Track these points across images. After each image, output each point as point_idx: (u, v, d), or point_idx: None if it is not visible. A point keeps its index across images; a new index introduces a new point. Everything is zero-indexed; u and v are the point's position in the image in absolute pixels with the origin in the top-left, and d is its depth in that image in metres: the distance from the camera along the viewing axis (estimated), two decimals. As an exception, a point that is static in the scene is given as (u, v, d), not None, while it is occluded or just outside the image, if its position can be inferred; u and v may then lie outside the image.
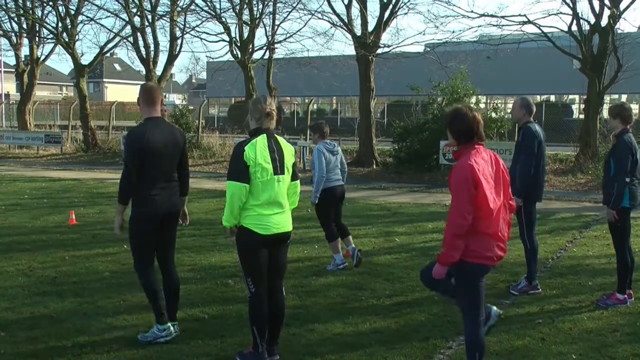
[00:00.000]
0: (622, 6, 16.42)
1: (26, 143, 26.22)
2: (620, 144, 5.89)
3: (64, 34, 24.46)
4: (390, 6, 19.55)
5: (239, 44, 22.29)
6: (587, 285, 6.75)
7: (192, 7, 22.97)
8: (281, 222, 4.54)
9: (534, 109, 6.51)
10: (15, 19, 27.13)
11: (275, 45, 22.96)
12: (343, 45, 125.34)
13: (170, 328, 5.09)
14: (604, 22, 16.49)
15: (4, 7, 26.14)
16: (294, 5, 21.74)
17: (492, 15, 18.67)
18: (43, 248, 8.43)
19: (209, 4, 22.07)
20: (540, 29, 17.36)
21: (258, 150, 4.42)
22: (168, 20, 23.11)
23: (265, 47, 23.07)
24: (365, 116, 20.04)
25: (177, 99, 78.33)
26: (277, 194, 4.50)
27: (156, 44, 23.53)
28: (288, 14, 22.73)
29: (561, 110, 34.18)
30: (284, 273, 4.79)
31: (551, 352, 4.91)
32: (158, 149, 4.91)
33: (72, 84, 54.54)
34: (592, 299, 6.21)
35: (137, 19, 23.06)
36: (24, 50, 29.03)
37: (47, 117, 34.56)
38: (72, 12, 24.37)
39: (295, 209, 4.77)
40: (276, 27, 22.61)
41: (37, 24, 26.16)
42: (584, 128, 17.30)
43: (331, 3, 19.98)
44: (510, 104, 7.21)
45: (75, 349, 4.92)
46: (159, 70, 24.10)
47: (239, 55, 22.33)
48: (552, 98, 39.69)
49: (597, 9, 16.53)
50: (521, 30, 17.78)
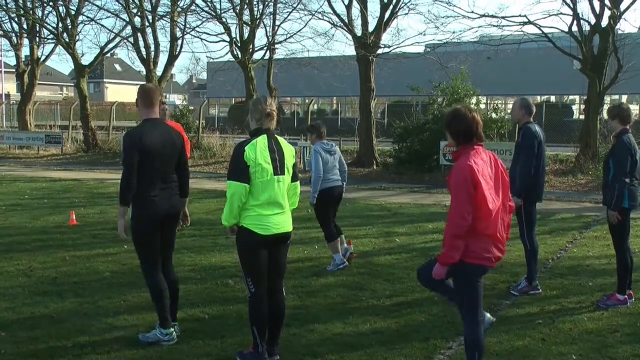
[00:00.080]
0: (622, 7, 16.44)
1: (26, 143, 26.21)
2: (619, 145, 5.89)
3: (65, 34, 24.46)
4: (391, 6, 19.54)
5: (239, 45, 22.30)
6: (587, 285, 6.75)
7: (193, 7, 23.02)
8: (281, 222, 4.54)
9: (534, 109, 6.52)
10: (16, 19, 27.14)
11: (276, 46, 23.00)
12: (343, 46, 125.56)
13: (174, 333, 5.06)
14: (605, 22, 16.50)
15: (4, 7, 26.17)
16: (295, 5, 21.80)
17: (492, 16, 18.61)
18: (43, 248, 8.44)
19: (210, 4, 22.11)
20: (540, 30, 17.38)
21: (258, 151, 4.43)
22: (168, 20, 23.15)
23: (265, 48, 23.10)
24: (366, 116, 20.04)
25: (177, 99, 78.37)
26: (276, 195, 4.50)
27: (156, 44, 23.58)
28: (288, 15, 22.77)
29: (561, 110, 34.19)
30: (284, 273, 4.80)
31: (551, 352, 4.91)
32: (155, 150, 4.90)
33: (72, 84, 54.53)
34: (592, 299, 6.21)
35: (137, 20, 23.09)
36: (25, 51, 29.11)
37: (47, 118, 34.59)
38: (73, 13, 24.37)
39: (295, 209, 4.78)
40: (276, 27, 22.67)
41: (38, 24, 26.16)
42: (584, 128, 17.30)
43: (331, 3, 20.02)
44: (511, 105, 7.22)
45: (76, 349, 4.92)
46: (159, 71, 24.17)
47: (239, 56, 22.34)
48: (553, 98, 39.70)
49: (597, 9, 16.54)
50: (521, 31, 17.80)
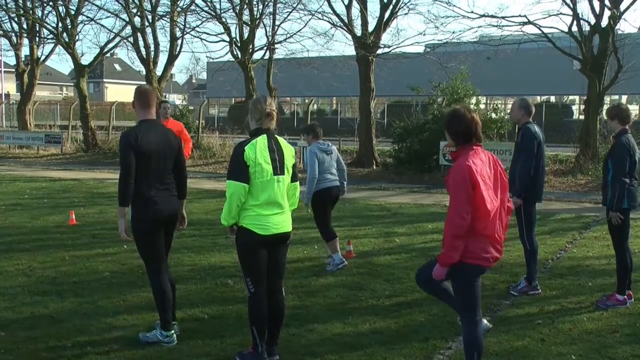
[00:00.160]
0: (622, 7, 16.45)
1: (26, 143, 26.22)
2: (618, 145, 5.89)
3: (64, 34, 24.46)
4: (391, 6, 19.53)
5: (239, 44, 22.30)
6: (586, 286, 6.75)
7: (192, 7, 23.03)
8: (280, 222, 4.54)
9: (533, 109, 6.51)
10: (16, 19, 27.14)
11: (276, 46, 22.98)
12: (343, 46, 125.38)
13: (174, 336, 5.05)
14: (604, 22, 16.51)
15: (4, 7, 26.17)
16: (294, 5, 21.79)
17: (492, 16, 18.60)
18: (43, 248, 8.44)
19: (209, 4, 22.12)
20: (540, 30, 17.37)
21: (258, 151, 4.43)
22: (168, 20, 23.16)
23: (265, 48, 23.09)
24: (365, 116, 20.04)
25: (177, 99, 78.35)
26: (276, 195, 4.50)
27: (156, 44, 23.59)
28: (288, 15, 22.73)
29: (561, 111, 34.21)
30: (284, 273, 4.79)
31: (551, 352, 4.92)
32: (151, 151, 4.89)
33: (72, 84, 54.59)
34: (592, 299, 6.21)
35: (137, 19, 23.10)
36: (24, 50, 29.08)
37: (47, 117, 34.61)
38: (72, 12, 24.37)
39: (295, 209, 4.78)
40: (276, 27, 22.64)
41: (37, 24, 26.16)
42: (584, 129, 17.30)
43: (331, 3, 20.01)
44: (510, 105, 7.22)
45: (76, 349, 4.92)
46: (159, 71, 24.17)
47: (239, 56, 22.33)
48: (552, 99, 39.72)
49: (597, 9, 16.55)
50: (521, 31, 17.80)
